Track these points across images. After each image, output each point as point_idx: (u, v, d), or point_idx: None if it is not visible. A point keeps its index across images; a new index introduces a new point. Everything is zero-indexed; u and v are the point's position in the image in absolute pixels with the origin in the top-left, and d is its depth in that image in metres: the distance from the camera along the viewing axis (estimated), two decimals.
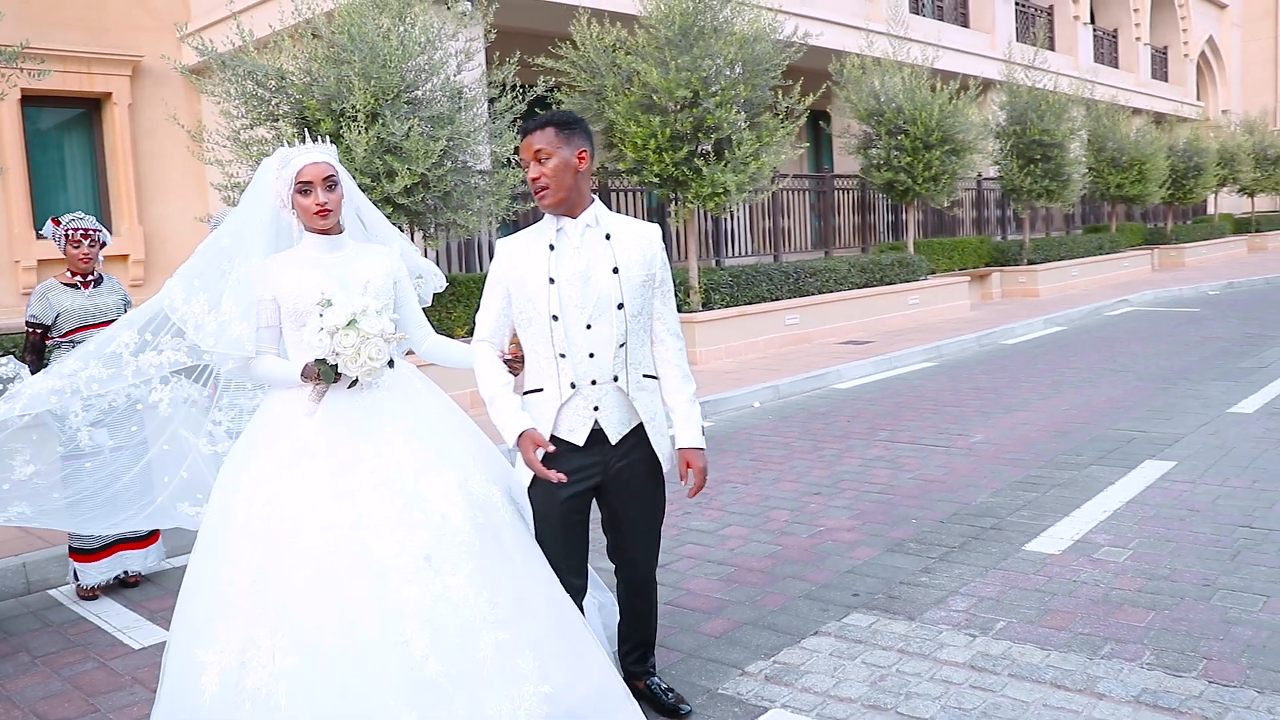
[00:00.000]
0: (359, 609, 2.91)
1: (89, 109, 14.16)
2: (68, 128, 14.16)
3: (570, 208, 3.17)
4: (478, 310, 3.40)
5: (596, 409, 3.20)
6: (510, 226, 11.19)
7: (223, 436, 4.13)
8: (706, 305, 12.55)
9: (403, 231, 5.15)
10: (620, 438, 3.25)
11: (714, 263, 14.87)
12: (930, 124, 15.23)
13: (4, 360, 4.32)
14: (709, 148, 11.82)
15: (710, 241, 15.12)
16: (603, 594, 3.85)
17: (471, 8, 9.26)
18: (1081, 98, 20.06)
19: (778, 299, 13.56)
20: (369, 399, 3.22)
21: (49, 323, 5.03)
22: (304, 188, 3.25)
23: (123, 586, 5.30)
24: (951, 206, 19.01)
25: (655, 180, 11.73)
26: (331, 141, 7.80)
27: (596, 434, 3.22)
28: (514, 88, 8.96)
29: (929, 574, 4.80)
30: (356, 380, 3.17)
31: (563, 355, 3.16)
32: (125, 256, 13.96)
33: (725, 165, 11.59)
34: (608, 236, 3.21)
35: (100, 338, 3.69)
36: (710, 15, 11.62)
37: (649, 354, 3.32)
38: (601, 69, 11.63)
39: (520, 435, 3.13)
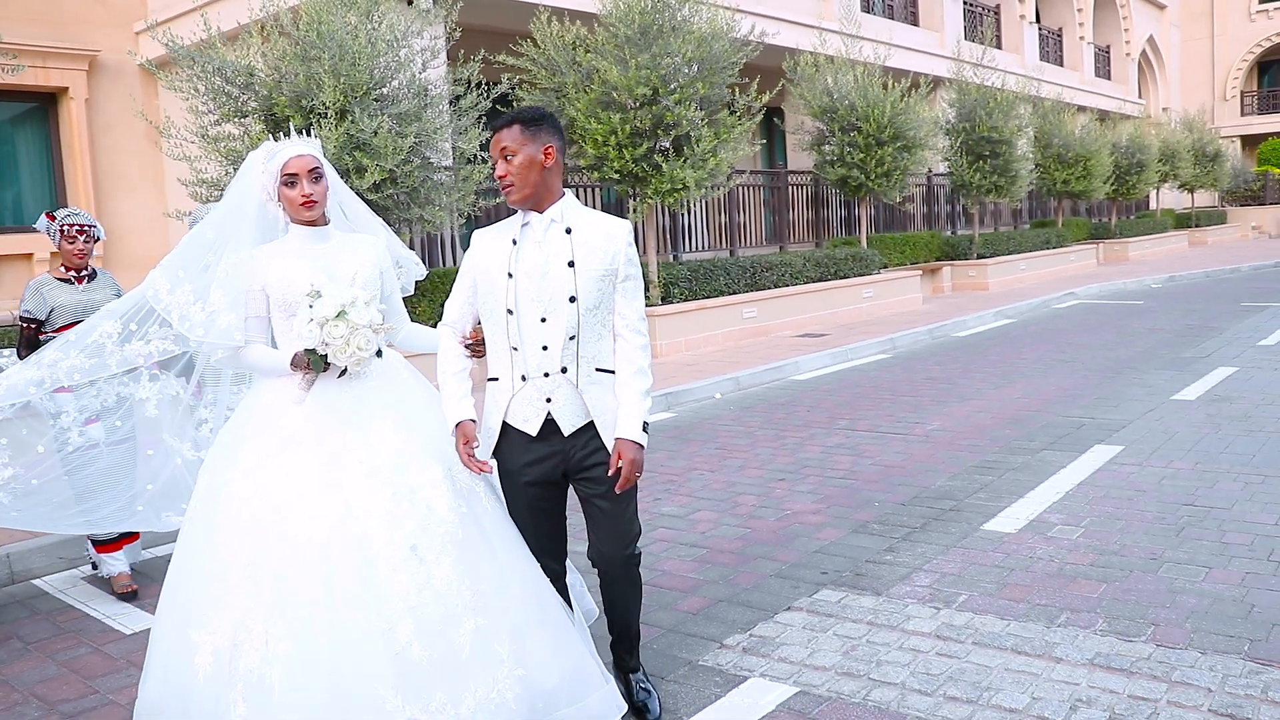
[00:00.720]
0: (349, 596, 3.00)
1: (44, 104, 14.04)
2: (22, 122, 14.03)
3: (537, 203, 3.22)
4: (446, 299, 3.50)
5: (549, 400, 3.24)
6: (474, 222, 11.30)
7: (207, 439, 4.23)
8: (666, 299, 12.74)
9: None
10: (574, 430, 3.27)
11: (671, 257, 15.08)
12: (883, 121, 15.54)
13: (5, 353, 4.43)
14: (668, 144, 12.01)
15: (668, 236, 15.33)
16: (573, 575, 3.89)
17: (434, 5, 9.36)
18: (1028, 95, 20.53)
19: (735, 293, 13.79)
20: (358, 388, 3.30)
21: (42, 318, 5.06)
22: (290, 180, 3.31)
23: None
24: (903, 202, 19.38)
25: (615, 176, 11.90)
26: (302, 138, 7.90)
27: (550, 425, 3.25)
28: (479, 85, 9.09)
29: (893, 553, 5.03)
30: (345, 370, 3.24)
31: (515, 348, 3.23)
32: None
33: (684, 162, 11.79)
34: (568, 231, 3.25)
35: (81, 328, 3.76)
36: (669, 14, 11.80)
37: (607, 349, 3.30)
38: (562, 66, 11.77)
39: (456, 425, 3.22)
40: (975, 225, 20.50)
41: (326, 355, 3.19)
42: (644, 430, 3.24)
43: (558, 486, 3.38)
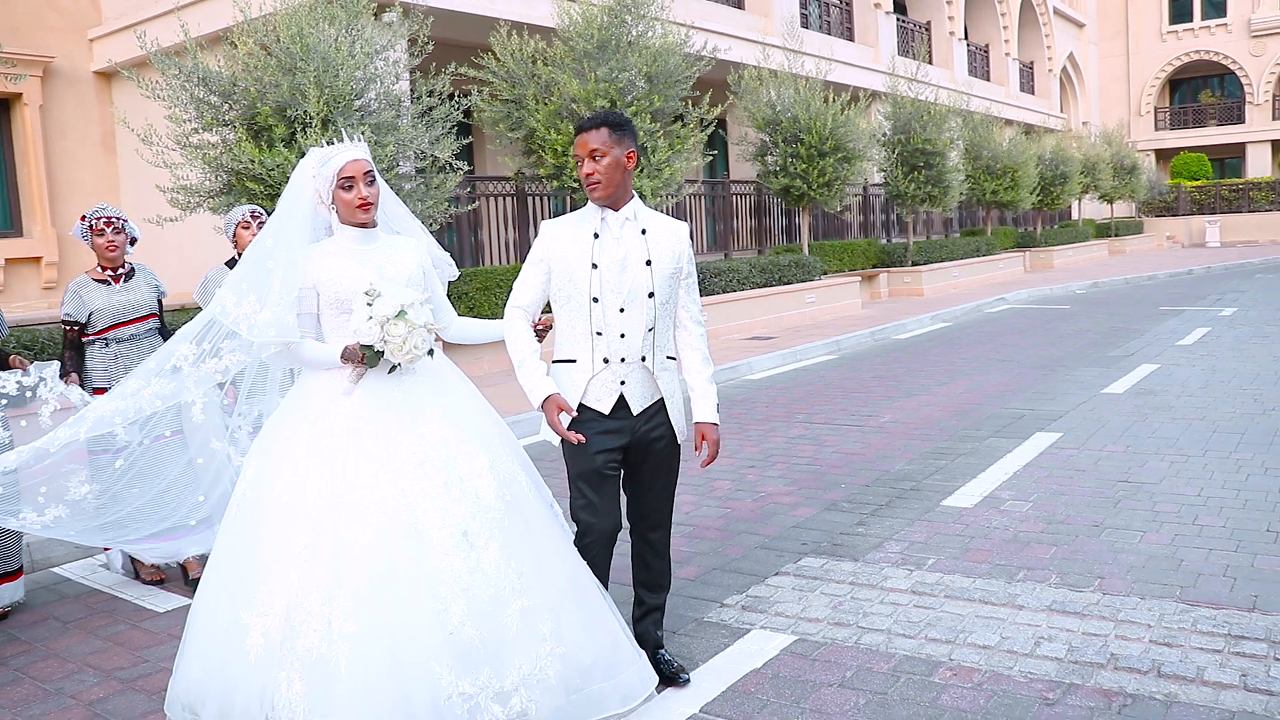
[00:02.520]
0: (406, 579, 3.16)
1: None
2: None
3: (614, 201, 3.50)
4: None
5: (623, 383, 3.52)
6: (448, 229, 11.63)
7: (245, 440, 4.34)
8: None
9: None
10: (641, 409, 3.56)
11: None
12: (824, 133, 16.19)
13: (32, 366, 4.39)
14: None
15: None
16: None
17: (405, 19, 9.72)
18: (959, 109, 21.43)
19: None
20: (407, 383, 3.44)
21: (83, 320, 5.10)
22: (346, 183, 3.44)
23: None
24: (842, 211, 20.09)
25: (575, 185, 12.33)
26: (284, 147, 8.22)
27: (620, 404, 3.54)
28: (451, 96, 9.47)
29: (864, 526, 5.54)
30: (395, 365, 3.39)
31: (599, 333, 3.48)
32: (38, 259, 13.91)
33: (641, 171, 12.27)
34: (644, 231, 3.53)
35: (159, 354, 3.78)
36: (625, 29, 12.29)
37: (672, 338, 3.65)
38: (522, 79, 12.19)
39: (546, 399, 3.45)
40: (910, 233, 21.30)
41: (383, 352, 3.32)
42: (716, 411, 3.66)
43: (619, 455, 3.61)
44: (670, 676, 3.72)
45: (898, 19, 25.53)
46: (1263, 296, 17.54)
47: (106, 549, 5.43)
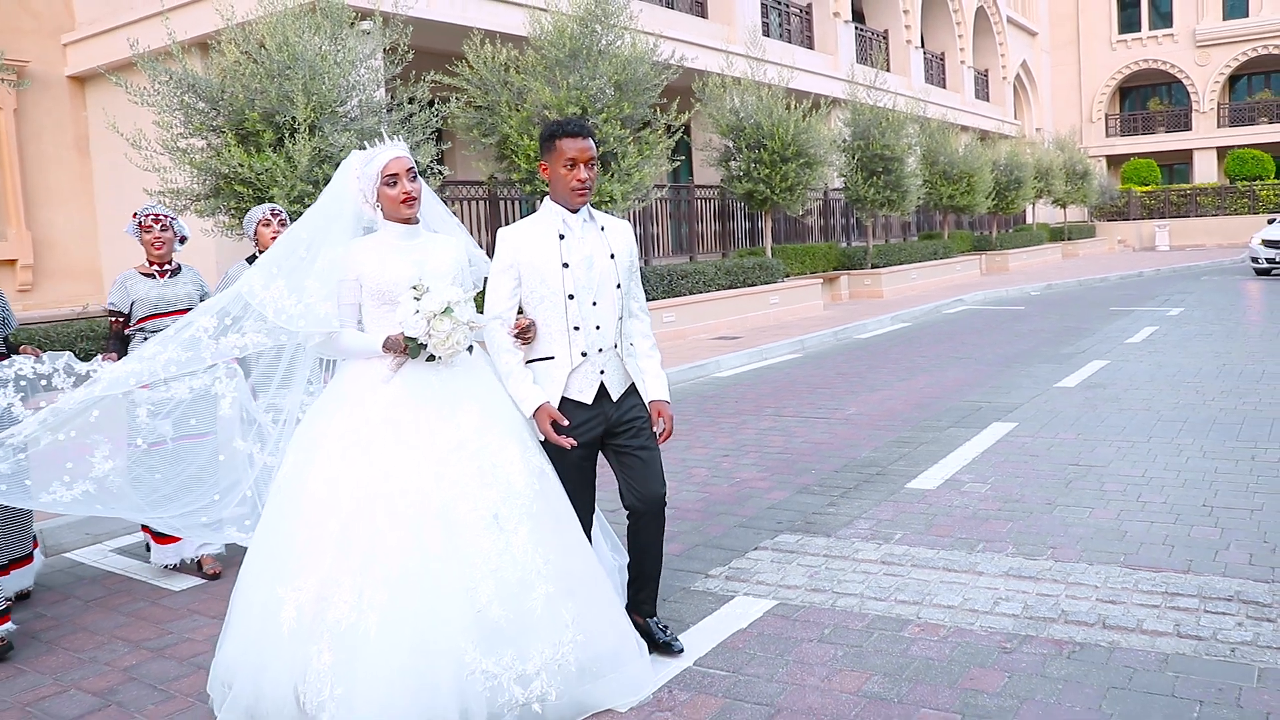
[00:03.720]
0: (437, 558, 3.30)
1: None
2: None
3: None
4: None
5: (603, 372, 3.76)
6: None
7: (267, 437, 4.38)
8: None
9: None
10: (619, 395, 3.80)
11: None
12: (786, 139, 16.65)
13: (41, 360, 4.71)
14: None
15: None
16: (622, 557, 4.22)
17: (384, 28, 10.01)
18: (916, 116, 21.99)
19: (654, 299, 14.67)
20: (445, 374, 3.59)
21: (126, 310, 5.25)
22: (391, 179, 3.59)
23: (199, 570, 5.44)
24: (804, 215, 20.57)
25: (547, 190, 12.66)
26: (273, 151, 8.49)
27: (600, 392, 3.76)
28: (431, 103, 9.78)
29: (834, 506, 5.93)
30: (433, 355, 3.53)
31: (575, 328, 3.68)
32: (13, 262, 14.03)
33: (611, 176, 12.64)
34: (602, 229, 3.77)
35: (180, 323, 3.89)
36: (595, 39, 12.66)
37: (630, 326, 3.89)
38: (495, 86, 12.51)
39: (538, 409, 3.65)
40: (869, 237, 21.83)
41: (425, 345, 3.48)
42: (667, 390, 3.96)
43: (596, 447, 3.84)
44: (665, 644, 3.92)
45: (856, 27, 26.12)
46: (1208, 298, 18.22)
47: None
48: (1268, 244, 22.12)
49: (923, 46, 30.17)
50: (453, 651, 3.22)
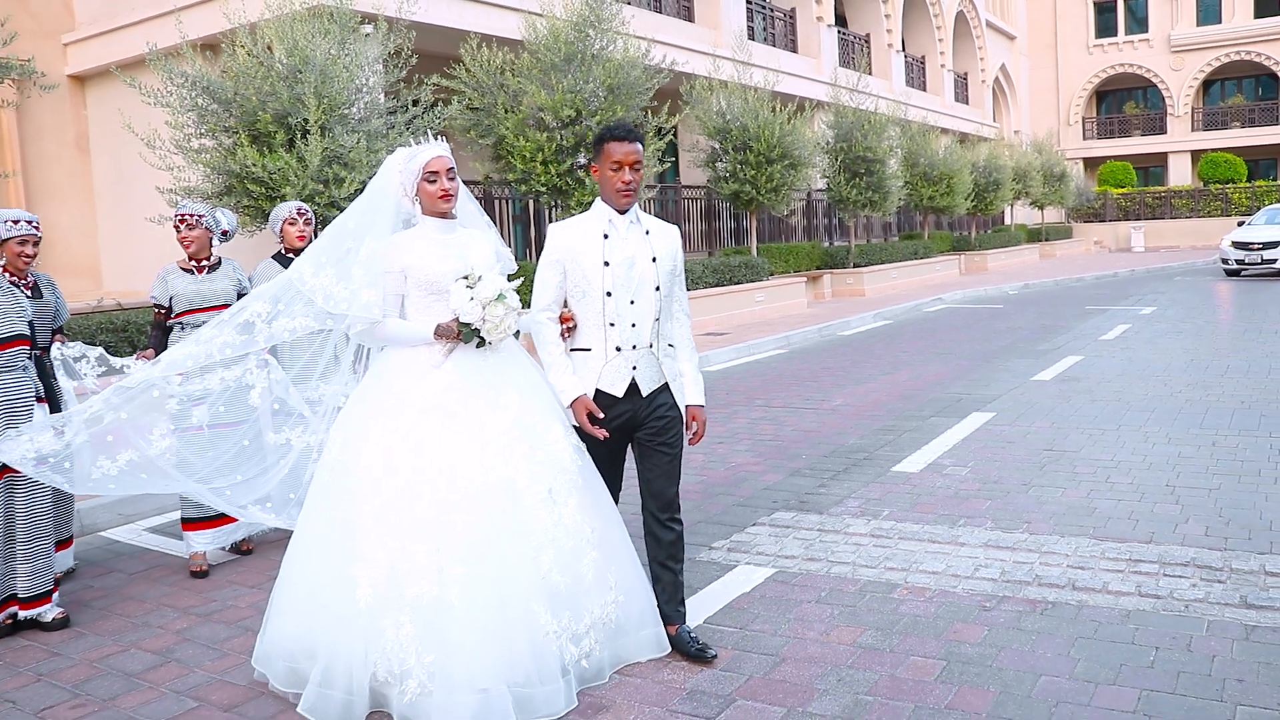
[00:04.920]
0: (504, 530, 3.55)
1: None
2: None
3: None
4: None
5: (635, 368, 3.89)
6: None
7: (307, 424, 4.53)
8: None
9: None
10: (650, 391, 3.92)
11: None
12: (772, 141, 17.06)
13: (71, 344, 4.92)
14: (588, 160, 13.23)
15: None
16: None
17: (382, 32, 10.37)
18: (897, 118, 22.46)
19: None
20: (493, 359, 3.81)
21: (166, 303, 5.45)
22: (431, 176, 3.79)
23: (238, 554, 5.71)
24: (789, 215, 21.01)
25: (541, 189, 13.06)
26: (285, 151, 8.83)
27: (632, 387, 3.89)
28: (434, 104, 10.15)
29: (825, 488, 6.35)
30: (482, 341, 3.75)
31: (611, 324, 3.84)
32: None
33: None
34: (647, 232, 3.91)
35: (234, 308, 4.13)
36: (589, 43, 13.04)
37: (670, 328, 4.03)
38: (491, 88, 12.88)
39: (576, 400, 3.83)
40: (851, 237, 22.32)
41: (479, 330, 3.69)
42: (703, 395, 4.10)
43: (626, 439, 4.01)
44: (698, 654, 3.90)
45: (839, 31, 26.61)
46: (1180, 297, 18.77)
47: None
48: (1237, 246, 22.72)
49: (904, 50, 30.71)
50: (527, 614, 3.52)
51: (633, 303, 3.86)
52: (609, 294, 3.83)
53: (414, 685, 3.44)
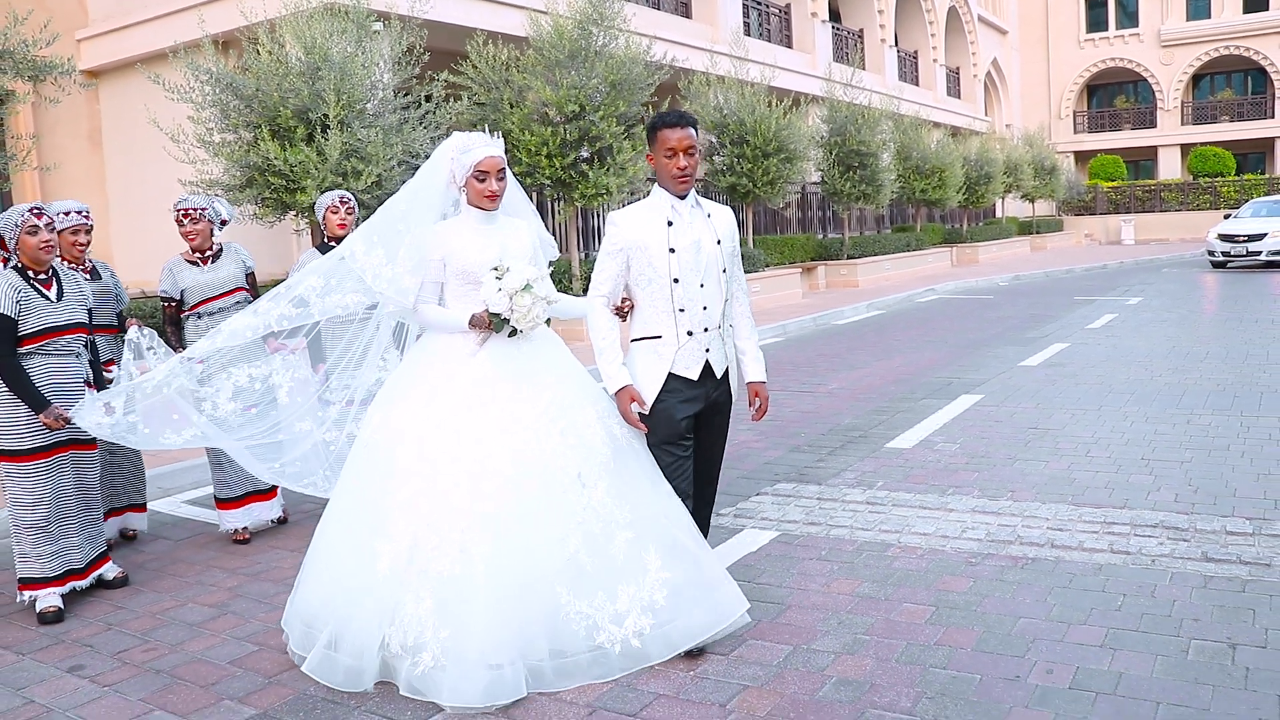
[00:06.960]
0: (531, 512, 3.65)
1: None
2: None
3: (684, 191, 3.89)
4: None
5: (708, 351, 3.91)
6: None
7: (330, 423, 4.67)
8: (587, 291, 14.31)
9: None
10: (723, 372, 3.97)
11: (584, 255, 16.68)
12: (768, 135, 17.48)
13: (145, 332, 5.04)
14: (590, 154, 13.64)
15: (582, 236, 16.95)
16: None
17: (395, 31, 10.75)
18: (890, 112, 22.89)
19: None
20: (526, 347, 3.91)
21: (177, 296, 5.61)
22: (481, 175, 3.87)
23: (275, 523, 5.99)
24: (784, 207, 21.42)
25: (546, 182, 13.46)
26: (305, 145, 9.22)
27: (705, 370, 3.93)
28: (447, 99, 10.54)
29: (823, 462, 6.77)
30: (514, 330, 3.85)
31: (681, 310, 3.85)
32: None
33: (606, 170, 13.43)
34: (709, 216, 3.91)
35: (289, 282, 4.29)
36: (592, 40, 13.43)
37: (730, 308, 4.02)
38: (496, 84, 13.27)
39: (621, 389, 3.85)
40: (845, 229, 22.73)
41: (509, 319, 3.80)
42: (765, 372, 4.18)
43: (697, 419, 4.03)
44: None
45: (833, 27, 27.01)
46: (1167, 289, 19.23)
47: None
48: (1223, 238, 23.17)
49: (897, 45, 31.12)
50: (549, 595, 3.60)
51: (702, 286, 3.88)
52: (676, 280, 3.85)
53: (428, 658, 3.54)
